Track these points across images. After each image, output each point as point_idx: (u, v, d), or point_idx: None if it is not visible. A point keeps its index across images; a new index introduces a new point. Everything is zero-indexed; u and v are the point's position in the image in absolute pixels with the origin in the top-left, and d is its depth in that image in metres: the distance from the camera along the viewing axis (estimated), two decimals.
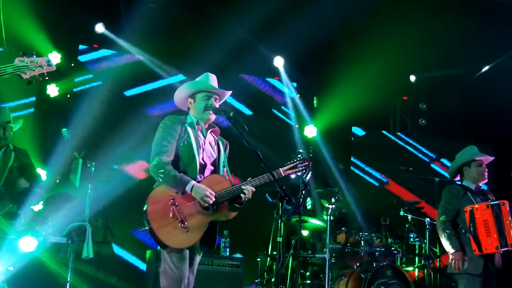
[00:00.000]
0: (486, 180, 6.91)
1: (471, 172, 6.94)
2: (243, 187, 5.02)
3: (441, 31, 9.54)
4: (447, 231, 6.69)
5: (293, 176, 5.27)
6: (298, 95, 11.34)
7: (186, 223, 4.86)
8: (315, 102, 11.30)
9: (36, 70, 4.02)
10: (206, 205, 4.91)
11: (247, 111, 11.10)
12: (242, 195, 5.02)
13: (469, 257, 6.59)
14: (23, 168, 7.26)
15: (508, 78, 10.29)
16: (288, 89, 11.25)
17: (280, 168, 5.19)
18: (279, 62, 10.68)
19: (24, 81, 4.12)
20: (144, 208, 4.89)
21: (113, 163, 9.48)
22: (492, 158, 6.98)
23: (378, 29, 9.44)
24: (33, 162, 7.99)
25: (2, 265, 6.88)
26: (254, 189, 5.06)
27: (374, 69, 10.27)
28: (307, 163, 5.25)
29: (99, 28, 9.74)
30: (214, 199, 4.92)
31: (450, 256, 6.65)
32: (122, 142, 9.92)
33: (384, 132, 11.84)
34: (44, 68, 4.06)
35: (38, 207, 7.56)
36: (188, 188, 4.89)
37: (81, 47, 10.22)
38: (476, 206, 6.56)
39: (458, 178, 7.05)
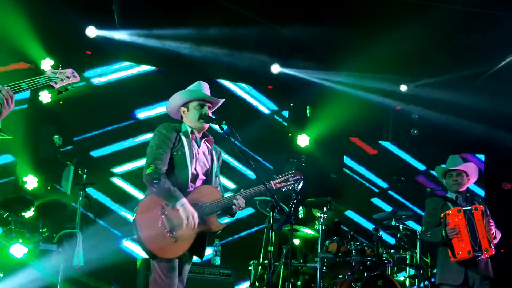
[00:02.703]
0: (460, 188, 6.89)
1: (446, 182, 7.01)
2: (234, 200, 5.03)
3: (433, 39, 9.57)
4: (429, 233, 6.75)
5: (284, 189, 5.27)
6: (292, 104, 11.37)
7: (174, 233, 4.85)
8: (308, 111, 11.30)
9: (65, 81, 4.28)
10: (188, 225, 4.87)
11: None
12: (233, 206, 5.02)
13: (449, 267, 6.61)
14: None
15: (501, 86, 10.33)
16: (281, 98, 11.30)
17: (271, 181, 5.20)
18: (276, 69, 10.67)
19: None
20: (133, 217, 4.90)
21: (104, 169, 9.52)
22: (460, 167, 6.94)
23: (371, 38, 9.46)
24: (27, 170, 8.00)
25: None
26: (245, 201, 5.06)
27: (367, 78, 10.30)
28: (298, 177, 5.25)
29: (91, 31, 9.61)
30: (194, 228, 4.87)
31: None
32: (114, 147, 9.98)
33: (376, 142, 11.85)
34: (71, 78, 4.33)
35: (29, 214, 7.54)
36: (178, 205, 4.87)
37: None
38: (449, 211, 6.59)
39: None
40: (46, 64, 9.42)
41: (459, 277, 6.56)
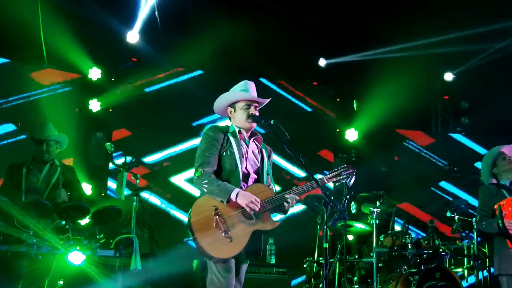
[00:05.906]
0: None
1: (499, 169, 6.77)
2: (286, 196, 5.00)
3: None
4: (484, 223, 6.53)
5: (337, 183, 5.22)
6: (338, 99, 11.32)
7: (229, 233, 4.85)
8: (355, 105, 11.24)
9: None
10: (252, 213, 4.90)
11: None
12: (285, 203, 5.00)
13: (507, 256, 6.41)
14: (67, 183, 7.39)
15: None
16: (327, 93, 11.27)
17: (323, 177, 5.14)
18: (322, 62, 10.71)
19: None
20: (188, 219, 4.92)
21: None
22: None
23: (415, 28, 9.40)
24: (79, 178, 8.11)
25: (52, 279, 6.98)
26: (298, 198, 5.04)
27: (413, 69, 10.19)
28: (351, 170, 5.17)
29: (132, 37, 9.73)
30: (259, 206, 4.91)
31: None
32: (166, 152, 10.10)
33: (426, 132, 11.70)
34: None
35: (85, 221, 7.66)
36: (233, 195, 4.88)
37: None
38: (503, 202, 6.36)
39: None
40: (94, 73, 9.59)
41: None
